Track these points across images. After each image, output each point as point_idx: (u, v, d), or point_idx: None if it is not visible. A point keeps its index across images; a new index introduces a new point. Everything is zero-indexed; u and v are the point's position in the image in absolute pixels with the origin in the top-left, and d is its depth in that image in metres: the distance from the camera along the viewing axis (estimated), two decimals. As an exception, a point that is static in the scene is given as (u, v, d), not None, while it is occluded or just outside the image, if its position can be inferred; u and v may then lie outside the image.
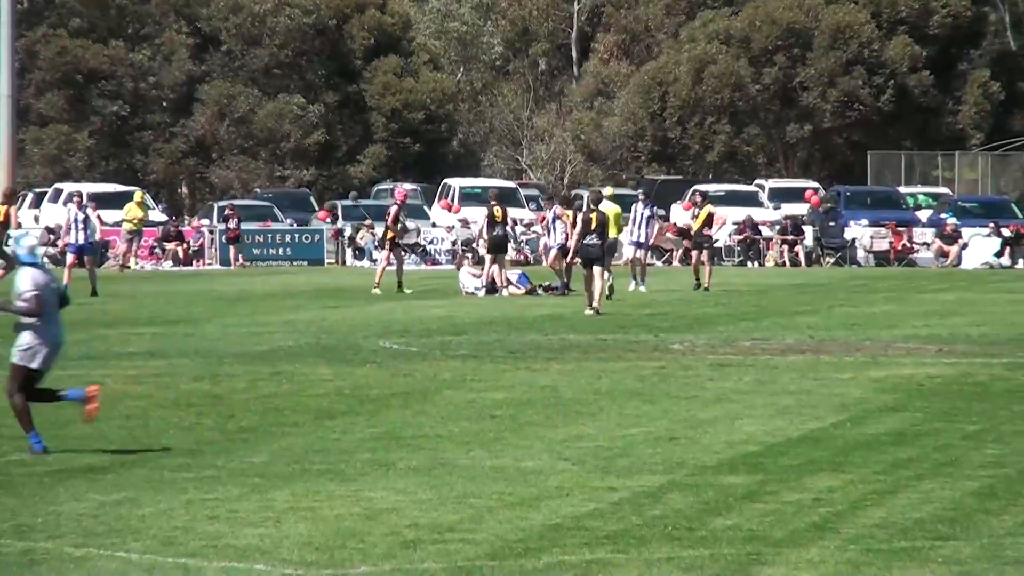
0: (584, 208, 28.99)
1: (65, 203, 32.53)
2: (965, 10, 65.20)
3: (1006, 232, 47.88)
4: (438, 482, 11.76)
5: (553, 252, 33.24)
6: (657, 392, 16.78)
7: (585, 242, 26.89)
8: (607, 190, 33.67)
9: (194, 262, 47.75)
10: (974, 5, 65.81)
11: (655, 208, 37.19)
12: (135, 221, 45.70)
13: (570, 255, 29.70)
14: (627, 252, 34.91)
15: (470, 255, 39.15)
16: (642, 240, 34.11)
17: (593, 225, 26.79)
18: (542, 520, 10.51)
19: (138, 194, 47.21)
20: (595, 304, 26.75)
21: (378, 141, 63.91)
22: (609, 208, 30.09)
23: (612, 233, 29.95)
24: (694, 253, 35.11)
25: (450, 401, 16.21)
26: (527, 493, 11.35)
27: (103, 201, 47.60)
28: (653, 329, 24.21)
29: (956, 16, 64.99)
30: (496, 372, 18.54)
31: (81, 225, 32.05)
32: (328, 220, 50.83)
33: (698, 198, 36.94)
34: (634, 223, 34.15)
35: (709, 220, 35.05)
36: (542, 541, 9.93)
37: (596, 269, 26.75)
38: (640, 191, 36.71)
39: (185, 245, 47.83)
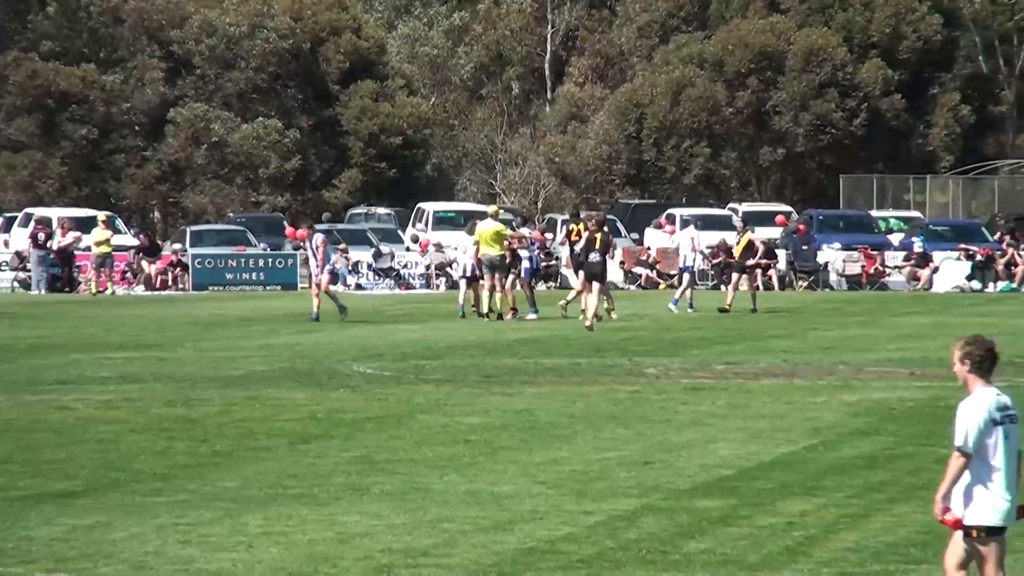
0: (589, 228, 30.44)
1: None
2: (936, 33, 65.56)
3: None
4: (412, 506, 11.75)
5: (324, 278, 32.10)
6: (632, 416, 16.79)
7: (589, 259, 29.29)
8: (492, 208, 34.69)
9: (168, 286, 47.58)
10: (945, 28, 66.18)
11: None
12: (104, 244, 45.39)
13: (574, 270, 30.94)
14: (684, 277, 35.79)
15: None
16: (690, 265, 35.61)
17: (597, 244, 29.26)
18: (516, 544, 10.50)
19: (101, 216, 46.93)
20: (591, 318, 28.48)
21: (354, 166, 63.89)
22: (489, 227, 30.90)
23: (496, 251, 31.46)
24: (735, 278, 35.86)
25: (424, 425, 16.19)
26: (501, 517, 11.35)
27: (74, 226, 47.39)
28: (628, 353, 24.23)
29: (927, 40, 65.36)
30: (471, 396, 18.53)
31: None
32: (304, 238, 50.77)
33: (739, 224, 37.74)
34: (684, 248, 35.26)
35: (750, 246, 35.75)
36: (516, 565, 9.92)
37: (596, 285, 28.88)
38: (691, 218, 37.57)
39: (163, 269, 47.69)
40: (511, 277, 32.78)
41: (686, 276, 35.42)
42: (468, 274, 32.73)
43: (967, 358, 8.05)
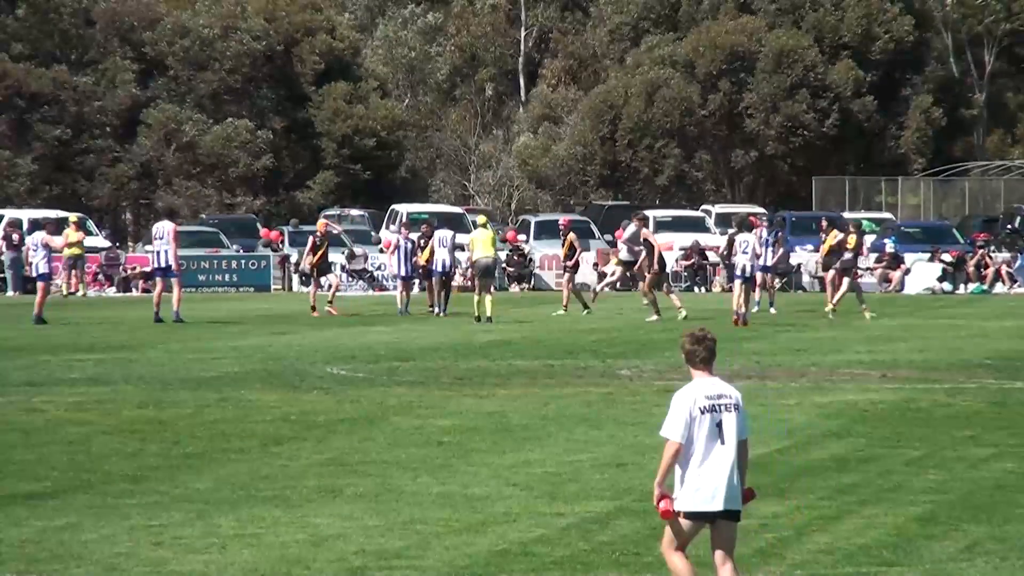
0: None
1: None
2: (908, 35, 65.75)
3: (947, 257, 48.22)
4: (385, 508, 11.74)
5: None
6: (604, 418, 16.80)
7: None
8: (480, 218, 35.30)
9: (134, 288, 47.43)
10: (916, 30, 66.37)
11: (779, 233, 39.64)
12: (76, 246, 45.13)
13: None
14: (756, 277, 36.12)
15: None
16: (769, 264, 36.76)
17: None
18: (489, 546, 10.50)
19: (72, 217, 46.68)
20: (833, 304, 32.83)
21: (328, 167, 63.79)
22: (482, 234, 32.84)
23: (490, 253, 32.70)
24: (827, 276, 36.42)
25: (397, 427, 16.18)
26: (474, 519, 11.34)
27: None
28: (600, 354, 24.24)
29: (899, 41, 65.55)
30: (443, 398, 18.52)
31: None
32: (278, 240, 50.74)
33: (824, 224, 38.24)
34: (763, 247, 35.87)
35: (840, 244, 35.84)
36: (489, 567, 9.92)
37: (846, 280, 33.00)
38: (764, 217, 38.14)
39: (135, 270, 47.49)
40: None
41: (757, 275, 35.87)
42: (403, 274, 34.86)
43: (682, 353, 8.61)
